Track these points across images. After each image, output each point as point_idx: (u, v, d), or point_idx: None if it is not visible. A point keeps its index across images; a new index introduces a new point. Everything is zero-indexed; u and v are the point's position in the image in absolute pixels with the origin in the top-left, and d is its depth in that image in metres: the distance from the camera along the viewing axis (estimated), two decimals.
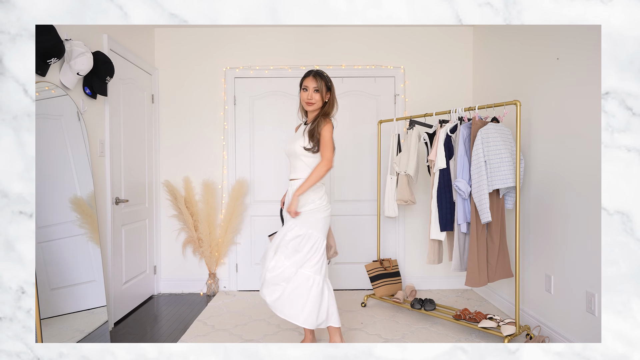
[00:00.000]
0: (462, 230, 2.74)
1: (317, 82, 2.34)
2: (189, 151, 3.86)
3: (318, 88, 2.34)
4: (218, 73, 3.86)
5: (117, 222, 3.10)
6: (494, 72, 3.44)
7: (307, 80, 2.36)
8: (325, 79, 2.37)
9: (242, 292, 3.82)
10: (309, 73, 2.37)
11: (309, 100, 2.35)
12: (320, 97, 2.36)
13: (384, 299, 3.33)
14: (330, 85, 2.39)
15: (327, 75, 2.39)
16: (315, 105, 2.36)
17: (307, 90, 2.36)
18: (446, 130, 2.81)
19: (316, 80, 2.35)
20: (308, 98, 2.36)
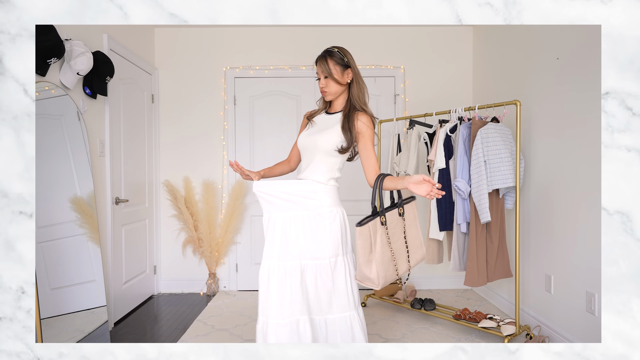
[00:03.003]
0: (461, 230, 2.74)
1: (328, 62, 1.89)
2: (189, 151, 3.86)
3: (329, 71, 1.88)
4: (218, 73, 3.86)
5: (117, 222, 3.10)
6: (494, 72, 3.44)
7: (317, 67, 1.93)
8: (335, 56, 1.89)
9: (242, 292, 3.82)
10: (318, 57, 1.95)
11: (322, 88, 1.93)
12: (336, 81, 1.89)
13: (384, 299, 3.33)
14: (346, 60, 1.90)
15: (340, 49, 1.92)
16: (333, 93, 1.92)
17: (319, 79, 1.95)
18: (446, 130, 2.81)
19: (325, 63, 1.89)
20: (321, 86, 1.93)
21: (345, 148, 1.86)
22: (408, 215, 1.86)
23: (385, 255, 1.74)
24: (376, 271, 1.70)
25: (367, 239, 1.71)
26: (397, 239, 1.80)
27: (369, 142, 1.86)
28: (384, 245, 1.74)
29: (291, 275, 1.83)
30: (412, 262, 1.86)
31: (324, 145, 1.88)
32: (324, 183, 1.89)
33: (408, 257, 1.84)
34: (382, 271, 1.71)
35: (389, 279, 1.75)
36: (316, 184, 1.87)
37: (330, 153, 1.88)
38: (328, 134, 1.89)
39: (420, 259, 1.91)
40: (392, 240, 1.78)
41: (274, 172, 2.12)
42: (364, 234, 1.71)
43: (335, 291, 1.84)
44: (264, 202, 1.90)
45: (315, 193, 1.86)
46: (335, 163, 1.91)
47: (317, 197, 1.85)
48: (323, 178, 1.89)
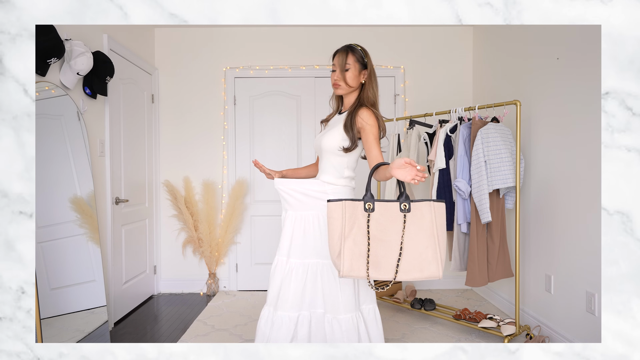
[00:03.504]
0: (462, 230, 2.74)
1: (348, 58, 1.86)
2: (189, 151, 3.86)
3: (349, 66, 1.85)
4: (218, 73, 3.86)
5: (117, 222, 3.10)
6: (494, 72, 3.44)
7: (336, 58, 1.89)
8: (357, 54, 1.87)
9: (242, 292, 3.82)
10: (339, 49, 1.91)
11: (335, 81, 1.89)
12: (354, 77, 1.87)
13: (384, 299, 3.33)
14: (366, 61, 1.89)
15: (363, 48, 1.90)
16: (345, 88, 1.89)
17: (335, 70, 1.90)
18: (446, 130, 2.81)
19: (347, 56, 1.86)
20: (334, 79, 1.89)
21: (348, 147, 1.84)
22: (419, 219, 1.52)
23: (358, 248, 1.52)
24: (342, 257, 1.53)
25: (337, 220, 1.53)
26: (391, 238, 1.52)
27: (370, 135, 1.80)
28: (360, 235, 1.53)
29: (300, 272, 1.87)
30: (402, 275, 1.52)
31: (327, 145, 1.89)
32: (334, 183, 1.89)
33: (397, 264, 1.52)
34: (348, 260, 1.52)
35: (354, 273, 1.53)
36: (326, 185, 1.89)
37: (335, 152, 1.88)
38: (331, 133, 1.89)
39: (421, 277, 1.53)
40: (378, 235, 1.52)
41: (299, 174, 2.16)
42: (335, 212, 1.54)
43: (342, 291, 1.85)
44: (282, 199, 1.95)
45: (324, 194, 1.87)
46: (342, 162, 1.89)
47: (326, 197, 1.86)
48: (332, 178, 1.90)
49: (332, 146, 1.87)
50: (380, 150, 1.79)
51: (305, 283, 1.87)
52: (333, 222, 1.54)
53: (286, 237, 1.91)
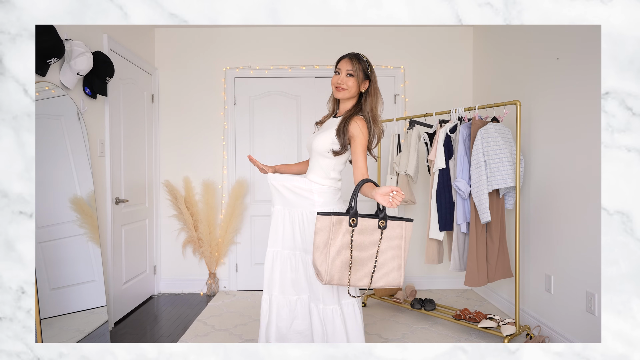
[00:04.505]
0: (461, 230, 2.74)
1: (354, 65, 1.94)
2: (189, 151, 3.86)
3: (353, 72, 1.93)
4: (218, 73, 3.86)
5: (117, 222, 3.10)
6: (494, 72, 3.44)
7: (342, 63, 1.97)
8: (363, 64, 1.95)
9: (242, 292, 3.82)
10: (345, 55, 1.99)
11: (339, 84, 1.95)
12: (356, 84, 1.95)
13: (384, 299, 3.33)
14: (369, 72, 1.97)
15: (368, 60, 1.98)
16: (347, 92, 1.95)
17: (339, 74, 1.96)
18: (446, 130, 2.81)
19: (352, 63, 1.94)
20: (338, 82, 1.95)
21: (337, 151, 1.91)
22: (390, 234, 1.71)
23: (342, 258, 1.68)
24: (325, 266, 1.67)
25: (324, 232, 1.66)
26: (367, 250, 1.70)
27: (359, 146, 1.87)
28: (344, 246, 1.67)
29: (290, 262, 2.03)
30: (374, 282, 1.72)
31: (317, 147, 1.96)
32: (320, 183, 1.97)
33: (372, 274, 1.71)
34: (332, 270, 1.67)
35: (336, 281, 1.69)
36: (313, 184, 1.97)
37: (324, 154, 1.95)
38: (323, 136, 1.96)
39: (387, 285, 1.73)
40: (359, 247, 1.69)
41: (291, 170, 2.26)
42: (323, 225, 1.66)
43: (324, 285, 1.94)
44: (273, 193, 2.05)
45: (310, 192, 1.96)
46: (330, 164, 1.97)
47: (311, 195, 1.95)
48: (319, 178, 1.98)
49: (322, 148, 1.94)
50: (366, 163, 1.88)
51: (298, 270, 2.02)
52: (320, 234, 1.66)
53: (277, 230, 2.03)
